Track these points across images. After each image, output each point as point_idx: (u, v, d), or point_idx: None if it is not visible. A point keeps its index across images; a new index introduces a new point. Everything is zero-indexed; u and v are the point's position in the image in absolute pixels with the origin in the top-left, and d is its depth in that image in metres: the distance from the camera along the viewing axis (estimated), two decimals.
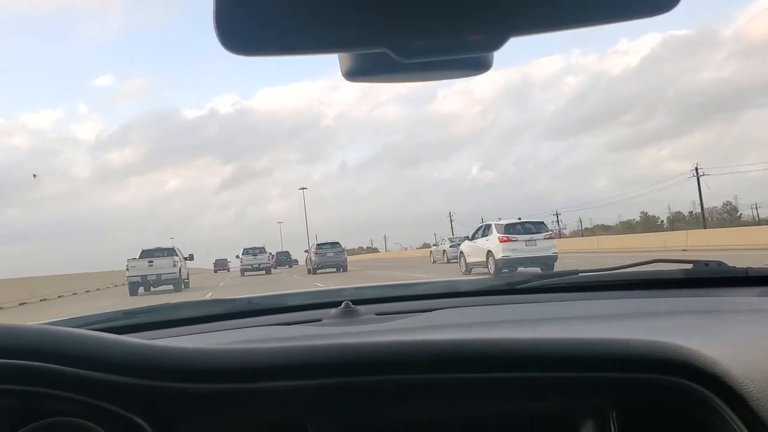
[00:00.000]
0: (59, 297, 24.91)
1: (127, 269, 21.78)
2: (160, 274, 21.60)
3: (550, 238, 15.96)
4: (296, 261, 45.30)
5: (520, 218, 16.45)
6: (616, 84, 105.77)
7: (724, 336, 0.90)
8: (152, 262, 21.77)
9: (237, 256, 35.80)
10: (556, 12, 0.52)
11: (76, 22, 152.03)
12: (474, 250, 16.90)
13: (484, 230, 16.72)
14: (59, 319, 1.29)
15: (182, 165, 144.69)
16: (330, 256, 28.25)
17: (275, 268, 40.92)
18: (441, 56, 0.54)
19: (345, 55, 0.57)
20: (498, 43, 0.52)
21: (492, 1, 0.51)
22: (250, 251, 34.35)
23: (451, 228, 69.39)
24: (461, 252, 17.94)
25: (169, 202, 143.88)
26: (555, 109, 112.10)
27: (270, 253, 38.80)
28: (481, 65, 0.58)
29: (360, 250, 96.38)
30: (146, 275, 21.49)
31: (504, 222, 16.24)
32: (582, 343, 0.79)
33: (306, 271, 30.24)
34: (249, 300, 1.46)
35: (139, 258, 22.17)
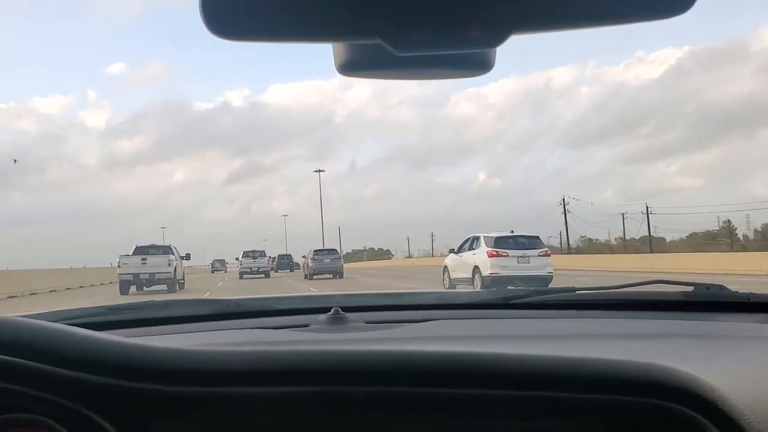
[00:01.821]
0: (32, 294, 23.25)
1: (119, 266, 21.06)
2: (154, 273, 20.77)
3: (546, 255, 14.74)
4: (298, 264, 45.20)
5: (513, 231, 15.42)
6: (631, 96, 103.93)
7: (723, 362, 0.88)
8: (146, 259, 20.97)
9: (237, 259, 36.23)
10: (560, 11, 0.50)
11: (88, 8, 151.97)
12: (459, 265, 15.47)
13: (472, 243, 15.35)
14: (37, 313, 1.24)
15: (190, 157, 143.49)
16: (326, 262, 28.71)
17: (276, 271, 41.25)
18: (438, 50, 0.51)
19: (339, 47, 0.55)
20: (498, 40, 0.51)
21: None
22: (249, 254, 34.78)
23: (566, 224, 54.76)
24: (445, 266, 16.56)
25: (173, 194, 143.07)
26: (572, 119, 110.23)
27: (270, 257, 39.03)
28: (481, 65, 0.55)
29: (371, 253, 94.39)
30: (139, 273, 20.68)
31: (494, 234, 14.93)
32: (571, 363, 0.76)
33: (303, 276, 30.63)
34: (237, 302, 1.44)
35: (132, 255, 21.46)
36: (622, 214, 54.67)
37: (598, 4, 0.50)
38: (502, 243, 14.46)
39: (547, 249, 15.18)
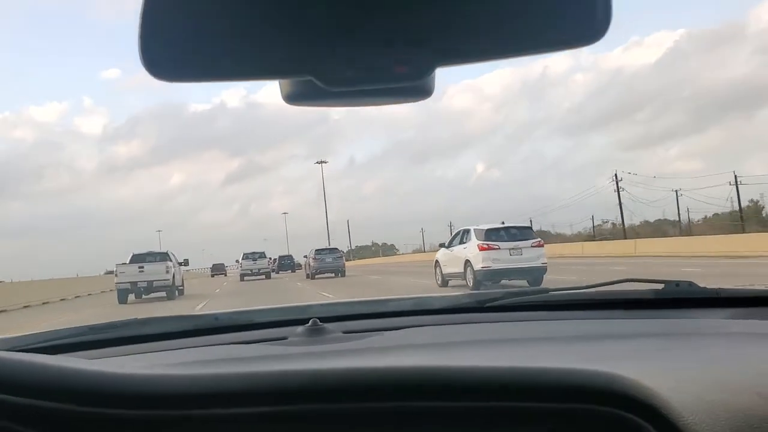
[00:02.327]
0: (44, 303, 23.27)
1: (116, 275, 20.75)
2: (152, 281, 20.48)
3: (539, 245, 14.03)
4: (299, 265, 45.21)
5: (503, 222, 14.73)
6: (626, 82, 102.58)
7: (679, 362, 0.90)
8: (143, 267, 20.63)
9: (237, 261, 36.23)
10: (480, 44, 0.55)
11: (81, 15, 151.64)
12: (451, 260, 14.83)
13: (462, 236, 14.69)
14: (13, 336, 1.27)
15: (188, 159, 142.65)
16: (328, 261, 28.53)
17: (277, 272, 41.12)
18: (368, 86, 0.55)
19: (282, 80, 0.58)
20: (423, 73, 0.55)
21: (416, 32, 0.54)
22: (249, 256, 34.85)
23: (620, 204, 45.26)
24: (436, 261, 15.93)
25: (171, 198, 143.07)
26: (569, 107, 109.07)
27: (270, 258, 39.06)
28: (420, 92, 0.59)
29: (375, 247, 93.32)
30: (137, 282, 20.37)
31: (485, 227, 14.24)
32: (516, 372, 0.77)
33: (305, 276, 30.50)
34: (215, 316, 1.47)
35: (130, 263, 21.10)
36: (676, 191, 48.62)
37: (515, 39, 0.54)
38: (492, 235, 13.83)
39: (540, 239, 14.50)
